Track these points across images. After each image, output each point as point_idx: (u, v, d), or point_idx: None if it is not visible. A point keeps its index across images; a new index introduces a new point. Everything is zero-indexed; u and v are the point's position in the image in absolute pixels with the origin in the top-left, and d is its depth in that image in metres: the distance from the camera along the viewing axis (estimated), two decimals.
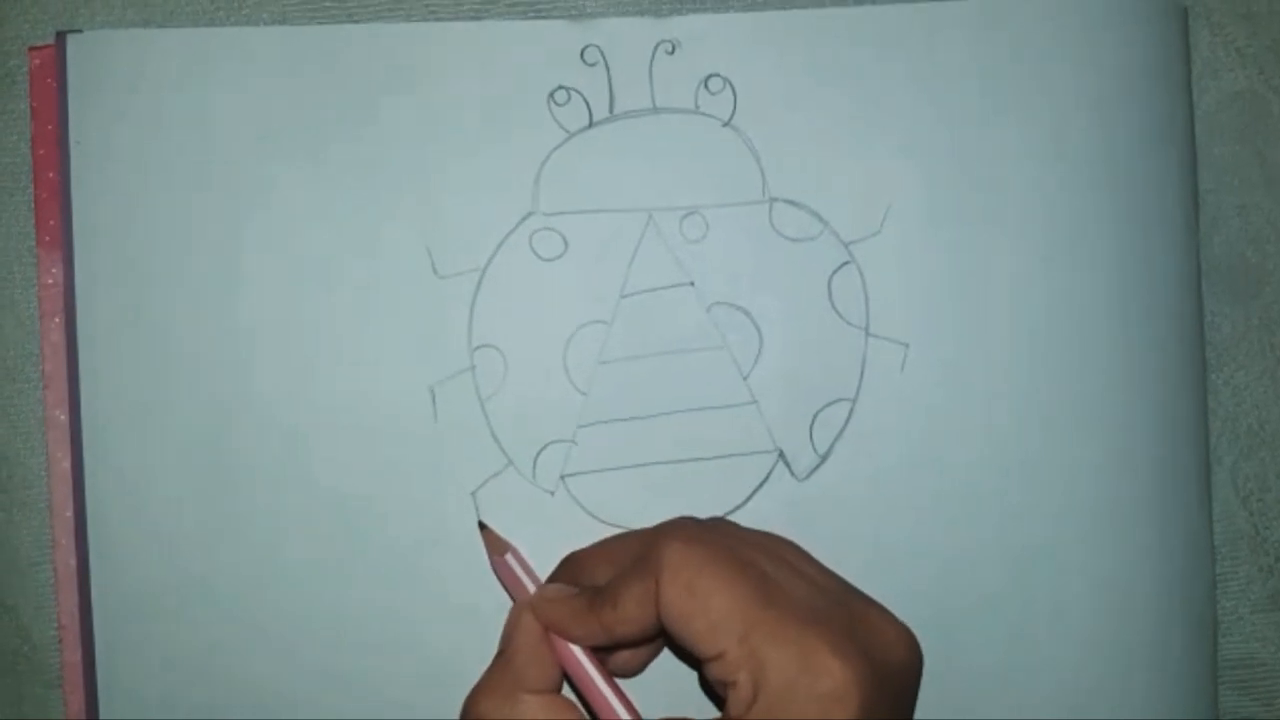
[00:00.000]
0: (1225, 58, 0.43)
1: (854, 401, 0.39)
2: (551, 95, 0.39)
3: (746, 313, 0.39)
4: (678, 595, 0.32)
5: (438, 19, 0.40)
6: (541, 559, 0.38)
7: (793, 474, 0.39)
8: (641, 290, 0.39)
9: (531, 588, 0.37)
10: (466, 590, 0.38)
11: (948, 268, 0.39)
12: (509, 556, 0.37)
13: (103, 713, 0.38)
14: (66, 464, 0.38)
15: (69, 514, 0.38)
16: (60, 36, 0.38)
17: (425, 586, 0.38)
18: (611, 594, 0.33)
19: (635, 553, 0.34)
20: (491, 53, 0.39)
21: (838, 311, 0.39)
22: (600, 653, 0.35)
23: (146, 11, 0.40)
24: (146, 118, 0.38)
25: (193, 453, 0.38)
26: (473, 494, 0.38)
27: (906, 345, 0.39)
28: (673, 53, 0.39)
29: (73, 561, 0.38)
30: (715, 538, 0.33)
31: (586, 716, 0.34)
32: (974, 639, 0.39)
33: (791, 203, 0.39)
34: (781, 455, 0.39)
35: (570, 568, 0.37)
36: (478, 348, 0.38)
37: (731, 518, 0.39)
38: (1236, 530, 0.43)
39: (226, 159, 0.38)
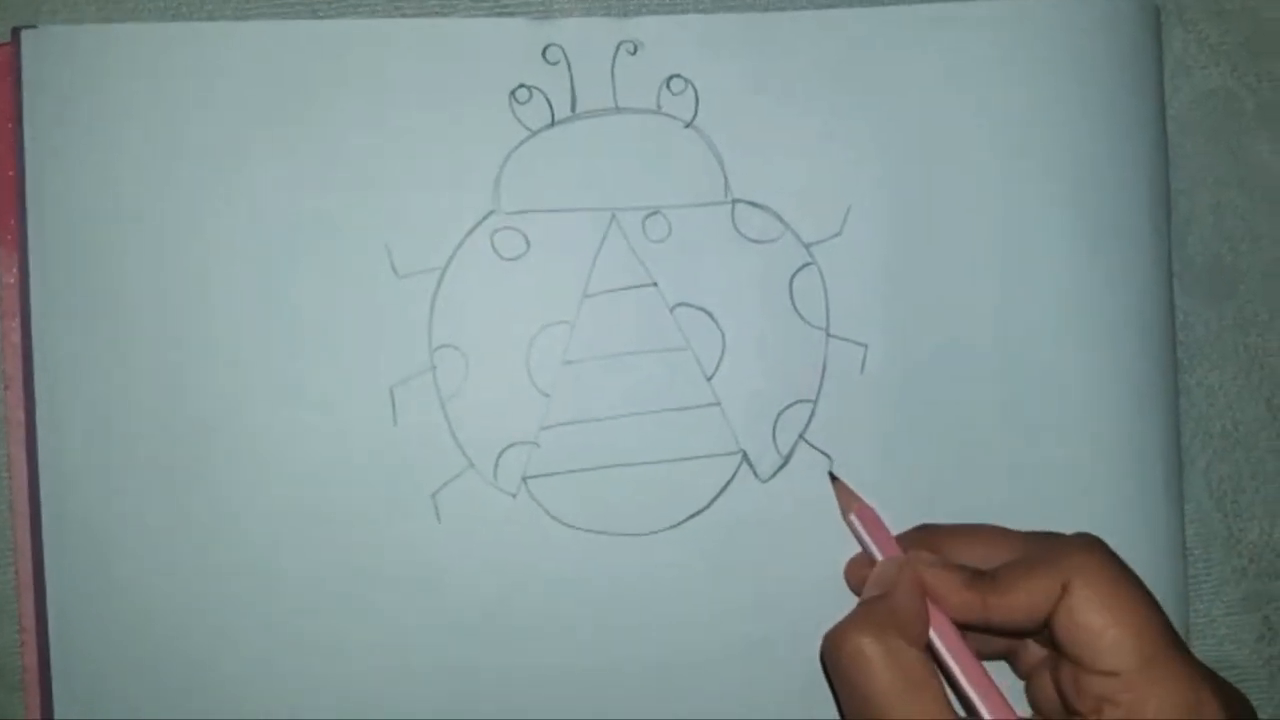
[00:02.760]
0: (1198, 55, 0.42)
1: (815, 403, 0.39)
2: (513, 94, 0.38)
3: (709, 314, 0.39)
4: (1092, 604, 0.33)
5: (402, 15, 0.40)
6: (503, 563, 0.38)
7: (756, 475, 0.39)
8: (604, 290, 0.39)
9: (881, 550, 0.37)
10: (426, 592, 0.38)
11: (909, 269, 0.39)
12: (853, 516, 0.37)
13: (58, 714, 0.38)
14: (24, 463, 0.38)
15: (27, 512, 0.38)
16: (15, 33, 0.38)
17: (385, 588, 0.38)
18: (1003, 581, 0.34)
19: (1026, 549, 0.35)
20: (453, 50, 0.38)
21: (799, 313, 0.39)
22: None
23: (106, 8, 0.40)
24: (103, 115, 0.38)
25: (150, 454, 0.38)
26: (433, 496, 0.38)
27: (865, 346, 0.39)
28: (635, 53, 0.39)
29: (32, 564, 0.38)
30: (1124, 563, 0.34)
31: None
32: None
33: (753, 204, 0.39)
34: (745, 457, 0.39)
35: (927, 537, 0.37)
36: (438, 348, 0.38)
37: (697, 519, 0.38)
38: (1210, 532, 0.43)
39: (184, 157, 0.38)
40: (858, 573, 0.38)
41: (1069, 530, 0.36)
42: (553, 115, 0.38)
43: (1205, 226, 0.42)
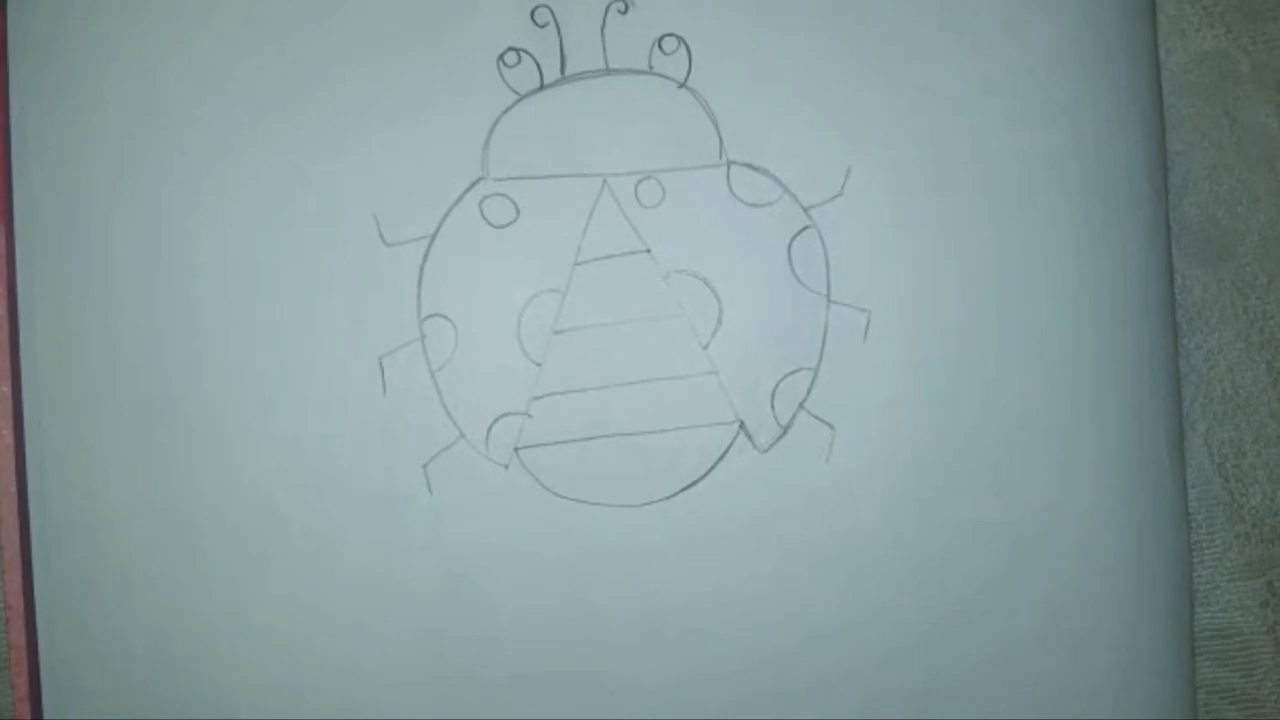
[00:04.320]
0: (1193, 17, 0.42)
1: (816, 370, 0.38)
2: (501, 57, 0.37)
3: (705, 280, 0.38)
4: None
5: None
6: (495, 535, 0.37)
7: (754, 445, 0.38)
8: (596, 257, 0.38)
9: None
10: (419, 563, 0.37)
11: (910, 231, 0.38)
12: None
13: (45, 694, 0.37)
14: (10, 439, 0.38)
15: (13, 490, 0.37)
16: (1, 2, 0.37)
17: (377, 561, 0.37)
18: None
19: None
20: (439, 14, 0.37)
21: (798, 278, 0.38)
22: None
23: None
24: (89, 83, 0.37)
25: (137, 427, 0.37)
26: (424, 467, 0.37)
27: (868, 312, 0.38)
28: (625, 12, 0.38)
29: (18, 539, 0.37)
30: None
31: None
32: (941, 609, 0.38)
33: (749, 166, 0.38)
34: (742, 426, 0.38)
35: None
36: (427, 317, 0.37)
37: (693, 491, 0.38)
38: (1212, 497, 0.42)
39: (172, 128, 0.37)
40: None
41: (1074, 496, 0.35)
42: (541, 79, 0.38)
43: (1201, 189, 0.42)
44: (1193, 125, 0.42)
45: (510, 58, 0.37)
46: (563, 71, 0.38)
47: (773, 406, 0.38)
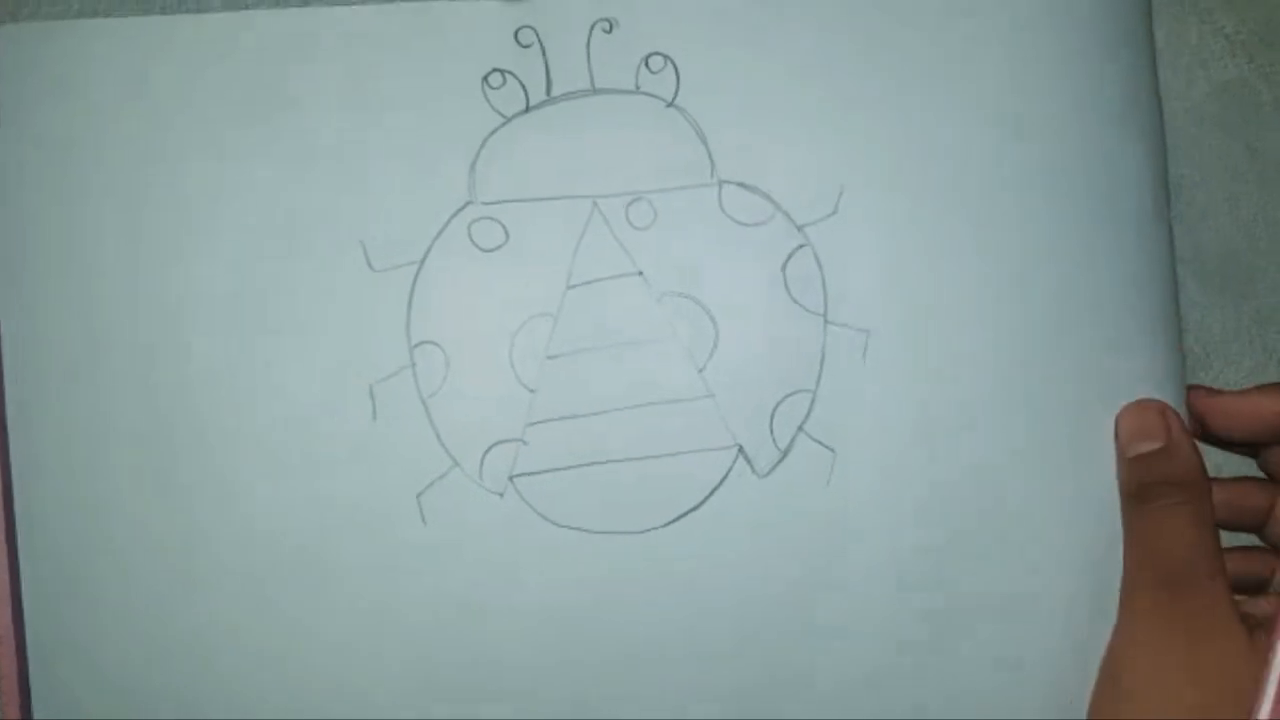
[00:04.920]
0: (1214, 46, 0.41)
1: (814, 392, 0.37)
2: (486, 79, 0.37)
3: (699, 302, 0.37)
4: None
5: (369, 1, 0.38)
6: (491, 564, 0.37)
7: (753, 470, 0.37)
8: (588, 281, 0.37)
9: None
10: (414, 595, 0.37)
11: (907, 249, 0.37)
12: None
13: (37, 714, 0.37)
14: None
15: (2, 516, 0.37)
16: None
17: (370, 592, 0.37)
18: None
19: None
20: (422, 36, 0.37)
21: (794, 298, 0.37)
22: None
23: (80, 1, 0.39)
24: (75, 109, 0.37)
25: (124, 454, 0.37)
26: (417, 497, 0.37)
27: (868, 332, 0.37)
28: (610, 31, 0.37)
29: (7, 566, 0.37)
30: None
31: None
32: (945, 634, 0.37)
33: (741, 185, 0.37)
34: (741, 451, 0.37)
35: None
36: (417, 344, 0.37)
37: (691, 517, 0.37)
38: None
39: (157, 151, 0.37)
40: None
41: (1080, 522, 0.35)
42: (527, 100, 0.37)
43: (1221, 220, 0.41)
44: (1213, 154, 0.41)
45: (495, 79, 0.37)
46: (549, 92, 0.37)
47: (771, 430, 0.37)
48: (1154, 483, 0.36)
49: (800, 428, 0.37)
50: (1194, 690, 0.35)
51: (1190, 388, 0.38)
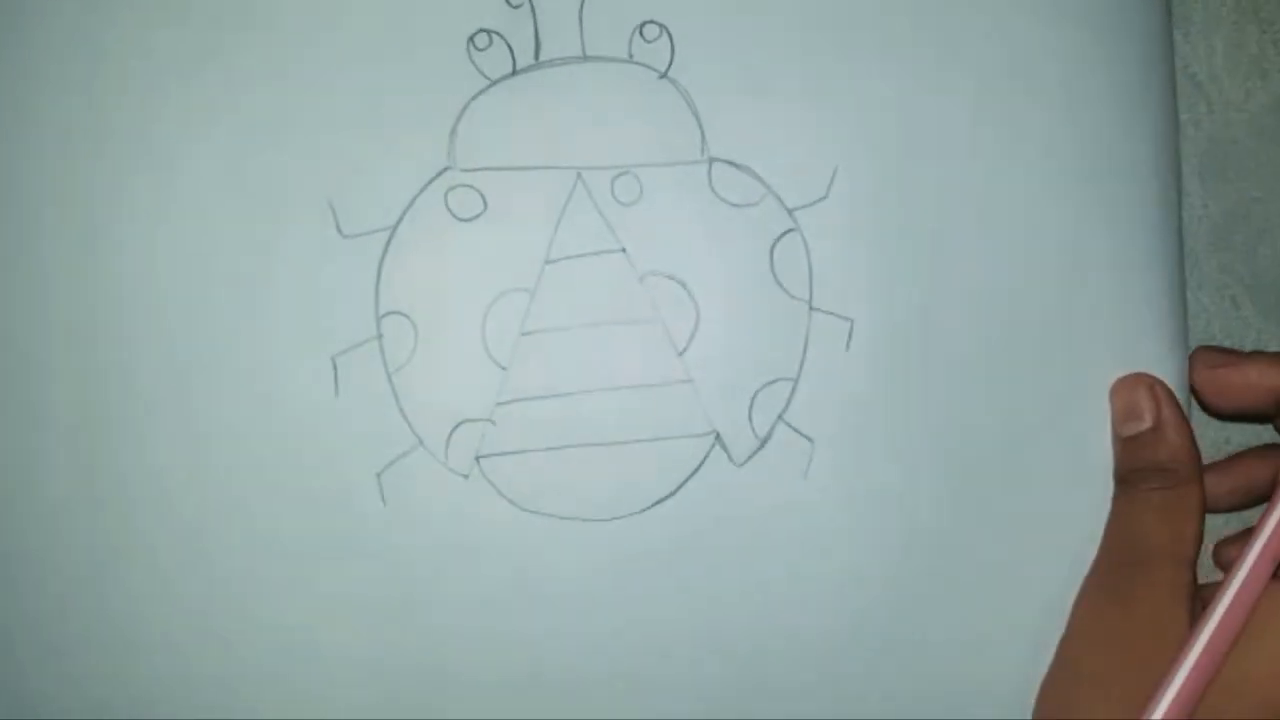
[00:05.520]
0: (1275, 57, 0.40)
1: (796, 381, 0.36)
2: (471, 39, 0.35)
3: (682, 283, 0.36)
4: None
5: None
6: (452, 549, 0.35)
7: (730, 458, 0.36)
8: (568, 256, 0.36)
9: None
10: (370, 578, 0.35)
11: (898, 237, 0.36)
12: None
13: None
14: None
15: None
16: None
17: (325, 574, 0.35)
18: None
19: None
20: None
21: (780, 283, 0.36)
22: None
23: None
24: (22, 64, 0.35)
25: (71, 427, 0.35)
26: (378, 475, 0.35)
27: (851, 320, 0.36)
28: None
29: None
30: None
31: None
32: (923, 631, 0.37)
33: (732, 164, 0.36)
34: (718, 438, 0.36)
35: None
36: (385, 315, 0.35)
37: (663, 505, 0.36)
38: None
39: (109, 105, 0.35)
40: None
41: (1063, 539, 0.35)
42: (514, 64, 0.35)
43: (1278, 239, 0.40)
44: (1272, 169, 0.40)
45: (481, 40, 0.35)
46: (537, 57, 0.36)
47: (750, 418, 0.36)
48: (1138, 468, 0.36)
49: (780, 416, 0.36)
50: (1128, 678, 0.34)
51: (1195, 353, 0.38)
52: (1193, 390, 0.38)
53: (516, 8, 0.35)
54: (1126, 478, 0.36)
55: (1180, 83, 0.39)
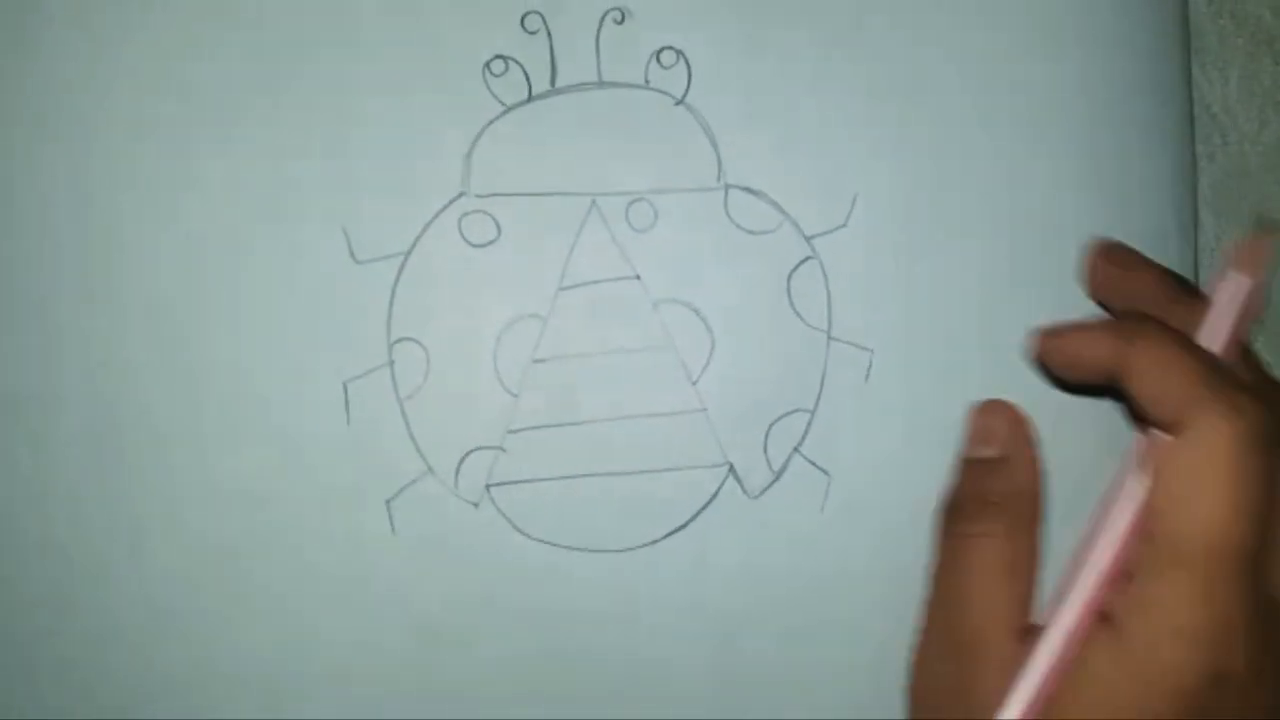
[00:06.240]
0: None
1: (813, 413, 0.36)
2: (487, 65, 0.35)
3: (697, 311, 0.35)
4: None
5: None
6: (462, 578, 0.35)
7: (744, 491, 0.35)
8: (582, 283, 0.35)
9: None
10: (378, 606, 0.35)
11: (919, 266, 0.36)
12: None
13: None
14: None
15: None
16: None
17: (333, 602, 0.35)
18: None
19: None
20: (422, 17, 0.35)
21: (797, 312, 0.36)
22: None
23: None
24: (35, 77, 0.35)
25: (83, 453, 0.35)
26: (387, 503, 0.35)
27: (871, 351, 0.36)
28: (622, 21, 0.35)
29: None
30: None
31: None
32: None
33: (749, 190, 0.36)
34: (732, 470, 0.35)
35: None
36: (397, 341, 0.35)
37: (675, 538, 0.35)
38: None
39: (122, 125, 0.35)
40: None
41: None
42: (530, 89, 0.35)
43: None
44: None
45: (497, 66, 0.35)
46: (553, 83, 0.35)
47: (765, 450, 0.36)
48: (972, 495, 0.34)
49: (796, 449, 0.36)
50: None
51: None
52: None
53: (533, 34, 0.35)
54: (955, 507, 0.34)
55: (1195, 114, 0.39)
